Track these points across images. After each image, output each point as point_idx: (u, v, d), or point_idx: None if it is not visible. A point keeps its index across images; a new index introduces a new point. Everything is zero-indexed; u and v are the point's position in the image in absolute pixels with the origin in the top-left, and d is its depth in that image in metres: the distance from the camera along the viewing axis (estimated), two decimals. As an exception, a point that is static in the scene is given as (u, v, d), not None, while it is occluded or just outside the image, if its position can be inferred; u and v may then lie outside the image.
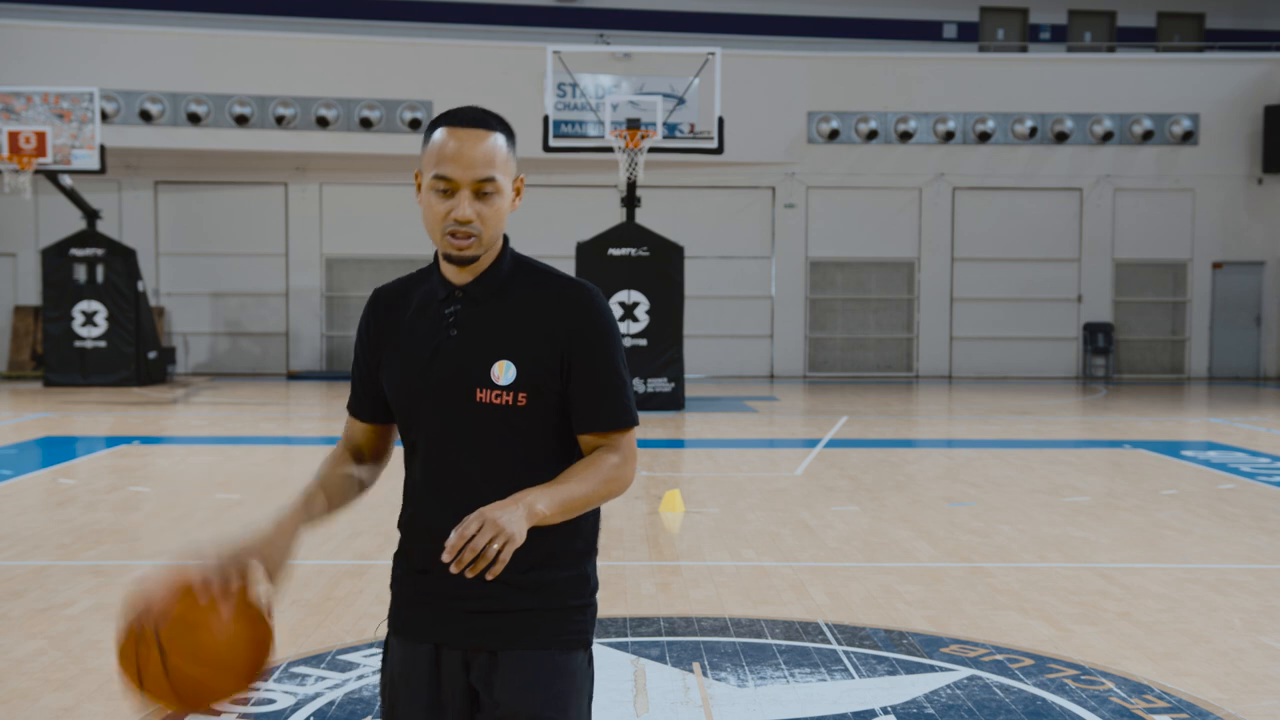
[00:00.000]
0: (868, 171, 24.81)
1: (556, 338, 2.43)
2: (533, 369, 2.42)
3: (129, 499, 9.91)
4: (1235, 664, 5.54)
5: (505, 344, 2.43)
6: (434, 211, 2.42)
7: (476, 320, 2.46)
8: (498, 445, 2.43)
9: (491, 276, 2.49)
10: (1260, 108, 24.71)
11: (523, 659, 2.43)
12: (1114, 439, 14.63)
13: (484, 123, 2.43)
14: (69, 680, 5.20)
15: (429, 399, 2.46)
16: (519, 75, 22.78)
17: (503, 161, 2.44)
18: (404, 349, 2.50)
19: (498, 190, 2.44)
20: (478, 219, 2.41)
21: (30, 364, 23.41)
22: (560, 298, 2.46)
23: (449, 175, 2.39)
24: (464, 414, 2.43)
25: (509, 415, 2.42)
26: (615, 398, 2.47)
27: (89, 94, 20.36)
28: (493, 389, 2.41)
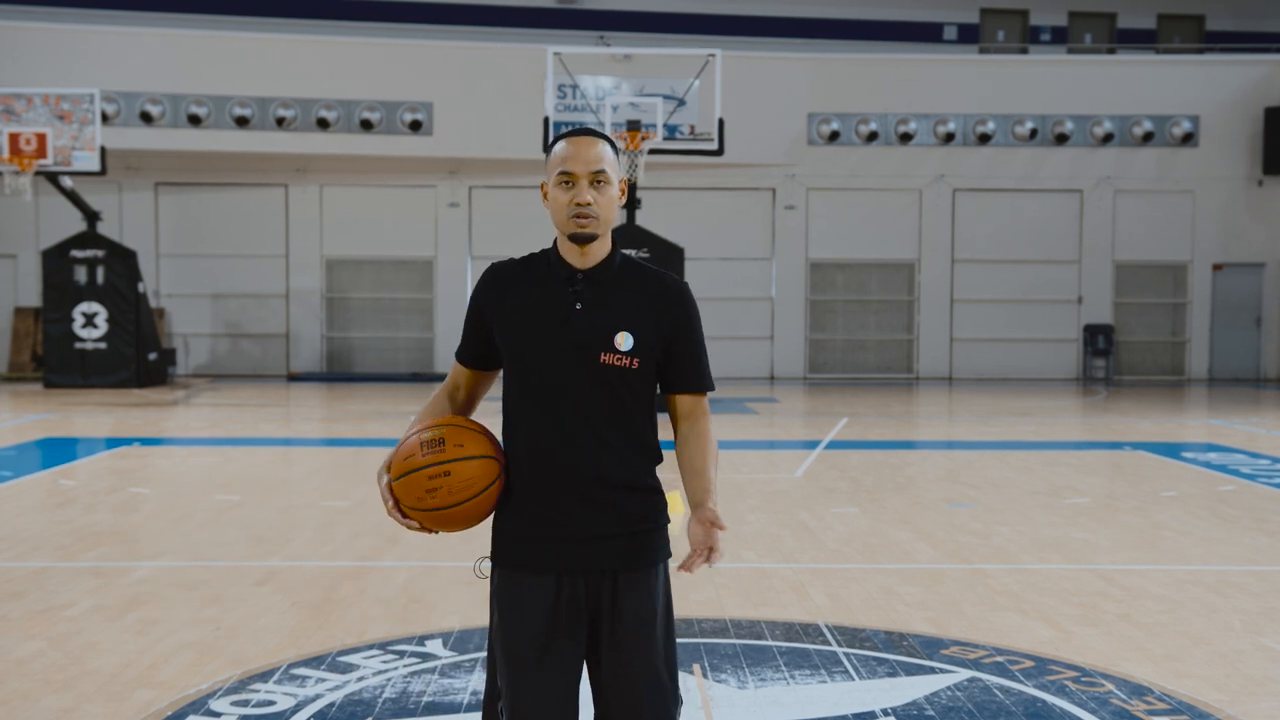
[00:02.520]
0: (868, 173, 24.81)
1: (662, 319, 3.09)
2: (644, 341, 3.06)
3: (129, 500, 9.91)
4: (1235, 665, 5.54)
5: (623, 318, 3.06)
6: (559, 201, 3.07)
7: (598, 298, 3.07)
8: (611, 397, 3.05)
9: (607, 265, 3.12)
10: (1260, 109, 24.71)
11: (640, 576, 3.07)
12: (1114, 440, 14.63)
13: (594, 134, 3.12)
14: (69, 681, 5.20)
15: (559, 358, 3.03)
16: (519, 77, 22.78)
17: (610, 161, 3.09)
18: (531, 316, 3.07)
19: (608, 181, 3.07)
20: (595, 203, 3.04)
21: (30, 365, 23.41)
22: (665, 288, 3.13)
23: (570, 170, 3.05)
24: (589, 371, 3.03)
25: (624, 374, 3.05)
26: (703, 367, 3.17)
27: (89, 95, 20.36)
28: (614, 353, 3.04)
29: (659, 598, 3.09)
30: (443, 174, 24.54)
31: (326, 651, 5.66)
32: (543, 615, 3.02)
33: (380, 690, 5.11)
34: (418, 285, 24.91)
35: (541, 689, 3.01)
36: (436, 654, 5.62)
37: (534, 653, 3.01)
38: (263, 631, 6.00)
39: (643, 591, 3.05)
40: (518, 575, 3.06)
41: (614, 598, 3.04)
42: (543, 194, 3.14)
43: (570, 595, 3.03)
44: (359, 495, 10.10)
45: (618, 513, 3.04)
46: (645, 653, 3.03)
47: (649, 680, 3.03)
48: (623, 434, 3.05)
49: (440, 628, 6.06)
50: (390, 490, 3.02)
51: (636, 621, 3.03)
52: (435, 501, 3.00)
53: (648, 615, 3.05)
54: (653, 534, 3.10)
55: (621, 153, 17.88)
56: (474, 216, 24.73)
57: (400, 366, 24.83)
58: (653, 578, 3.09)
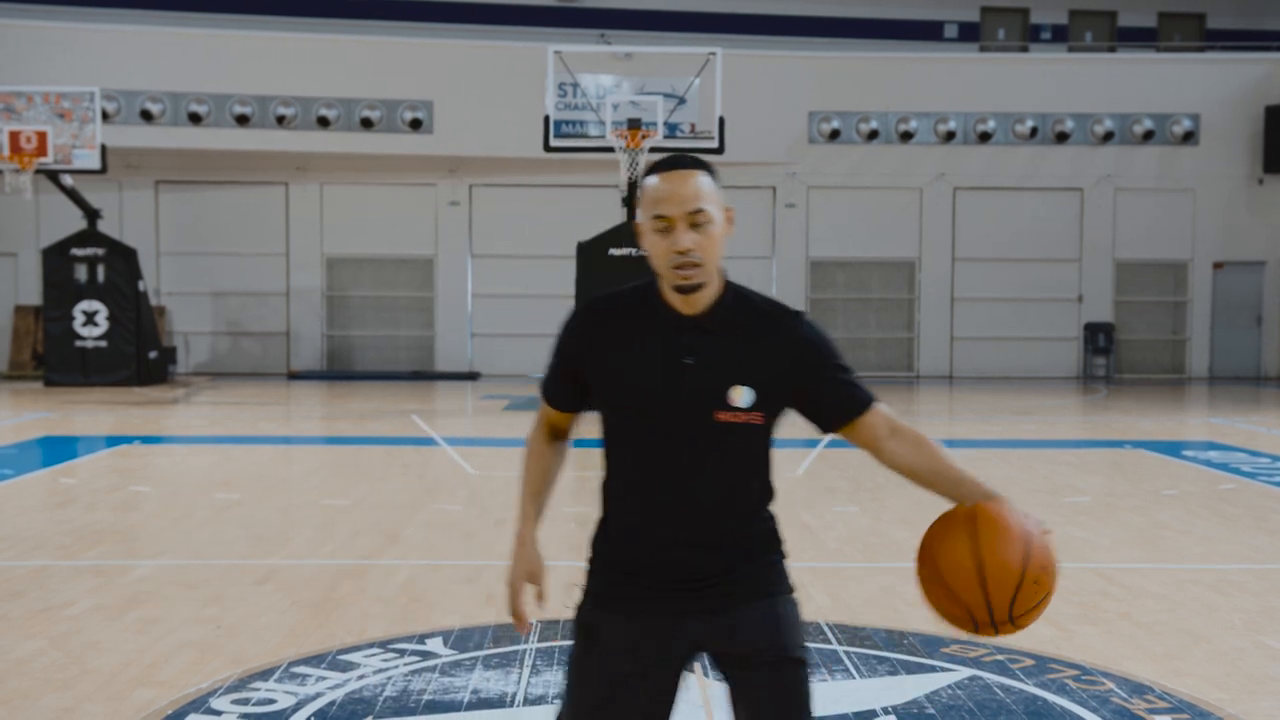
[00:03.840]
0: (868, 171, 24.80)
1: (784, 365, 2.78)
2: (767, 393, 2.75)
3: (130, 499, 9.91)
4: (1236, 664, 5.54)
5: (741, 371, 2.74)
6: (658, 248, 2.74)
7: (709, 349, 2.75)
8: (727, 454, 2.76)
9: (718, 309, 2.80)
10: (1261, 108, 24.71)
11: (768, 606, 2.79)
12: (1114, 439, 14.63)
13: (686, 165, 2.77)
14: (69, 681, 5.20)
15: (666, 417, 2.74)
16: (520, 75, 22.77)
17: (709, 195, 2.76)
18: (635, 367, 2.77)
19: (709, 220, 2.75)
20: (696, 248, 2.72)
21: (31, 364, 23.41)
22: (779, 330, 2.81)
23: (665, 213, 2.72)
24: (703, 432, 2.74)
25: (745, 431, 2.76)
26: (852, 391, 2.85)
27: (90, 94, 20.37)
28: (731, 410, 2.73)
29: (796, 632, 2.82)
30: (443, 172, 24.54)
31: (327, 650, 5.66)
32: (623, 655, 2.78)
33: (381, 689, 5.12)
34: (418, 283, 24.91)
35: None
36: (437, 652, 5.62)
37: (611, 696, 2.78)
38: (263, 630, 6.00)
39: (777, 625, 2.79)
40: (603, 613, 2.82)
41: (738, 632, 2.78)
42: (636, 233, 2.83)
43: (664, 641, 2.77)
44: (359, 494, 10.11)
45: (725, 554, 2.77)
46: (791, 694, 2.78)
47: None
48: (736, 485, 2.78)
49: (441, 626, 6.07)
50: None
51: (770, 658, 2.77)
52: None
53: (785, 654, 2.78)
54: (775, 565, 2.85)
55: (621, 151, 17.94)
56: (474, 215, 24.72)
57: (401, 365, 24.83)
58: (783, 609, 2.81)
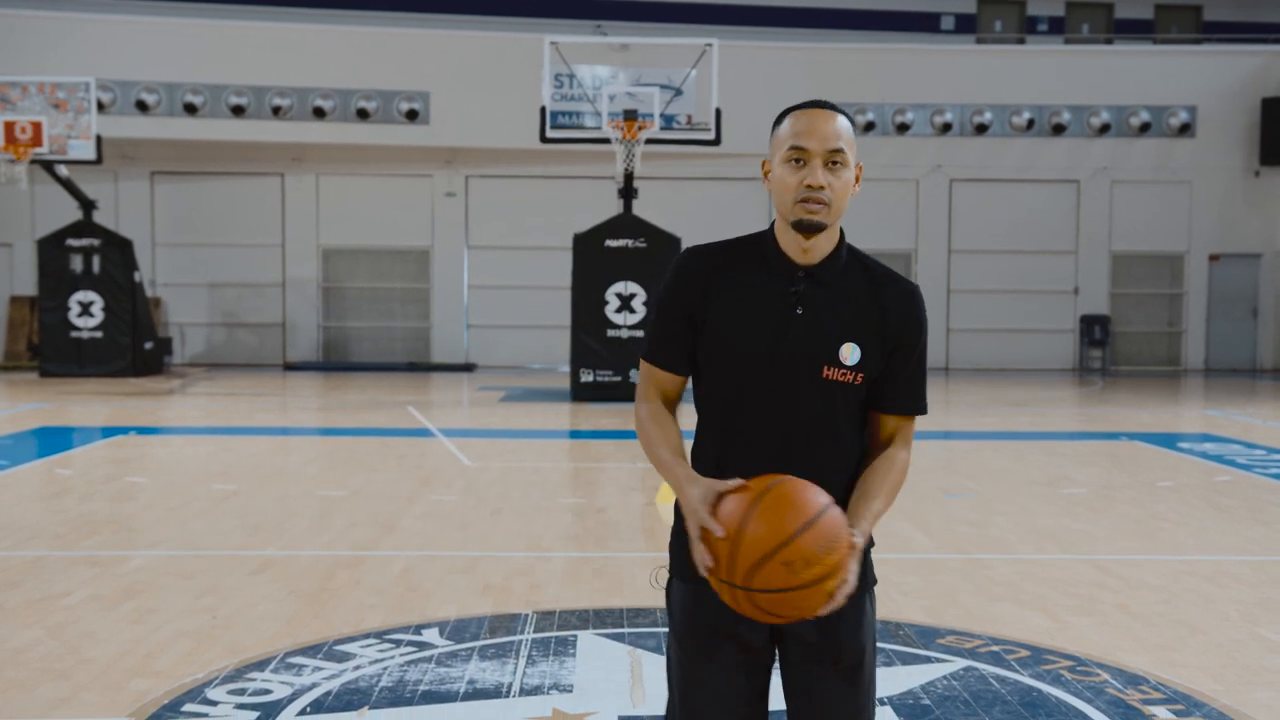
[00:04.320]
0: (865, 163, 24.11)
1: (889, 327, 2.68)
2: (870, 354, 2.67)
3: (126, 489, 9.90)
4: (1231, 655, 5.55)
5: (851, 327, 2.66)
6: (787, 183, 2.63)
7: (822, 301, 2.66)
8: (828, 414, 2.67)
9: (833, 262, 2.69)
10: (1258, 100, 24.70)
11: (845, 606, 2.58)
12: (1110, 431, 14.64)
13: (832, 106, 2.69)
14: (66, 670, 5.20)
15: (774, 370, 2.65)
16: (516, 66, 22.74)
17: (849, 139, 2.66)
18: (745, 316, 2.66)
19: (845, 164, 2.65)
20: (828, 187, 2.62)
21: (26, 354, 23.38)
22: (898, 294, 2.71)
23: (804, 145, 2.62)
24: (809, 387, 2.65)
25: (846, 391, 2.67)
26: (919, 388, 2.77)
27: (85, 84, 20.32)
28: (839, 368, 2.65)
29: (866, 631, 2.74)
30: (439, 163, 24.51)
31: (323, 640, 5.66)
32: (724, 620, 2.69)
33: (377, 679, 5.12)
34: (414, 275, 24.89)
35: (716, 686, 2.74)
36: (433, 643, 5.62)
37: (710, 649, 2.73)
38: (259, 620, 6.00)
39: (848, 623, 2.70)
40: (700, 588, 2.69)
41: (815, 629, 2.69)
42: (763, 172, 2.74)
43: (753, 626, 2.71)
44: (355, 484, 10.10)
45: None
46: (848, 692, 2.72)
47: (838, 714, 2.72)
48: (835, 451, 2.69)
49: (437, 617, 6.07)
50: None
51: (839, 656, 2.71)
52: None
53: (854, 650, 2.71)
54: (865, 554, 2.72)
55: (618, 142, 17.91)
56: (470, 206, 24.70)
57: (397, 356, 24.82)
58: (858, 608, 2.70)
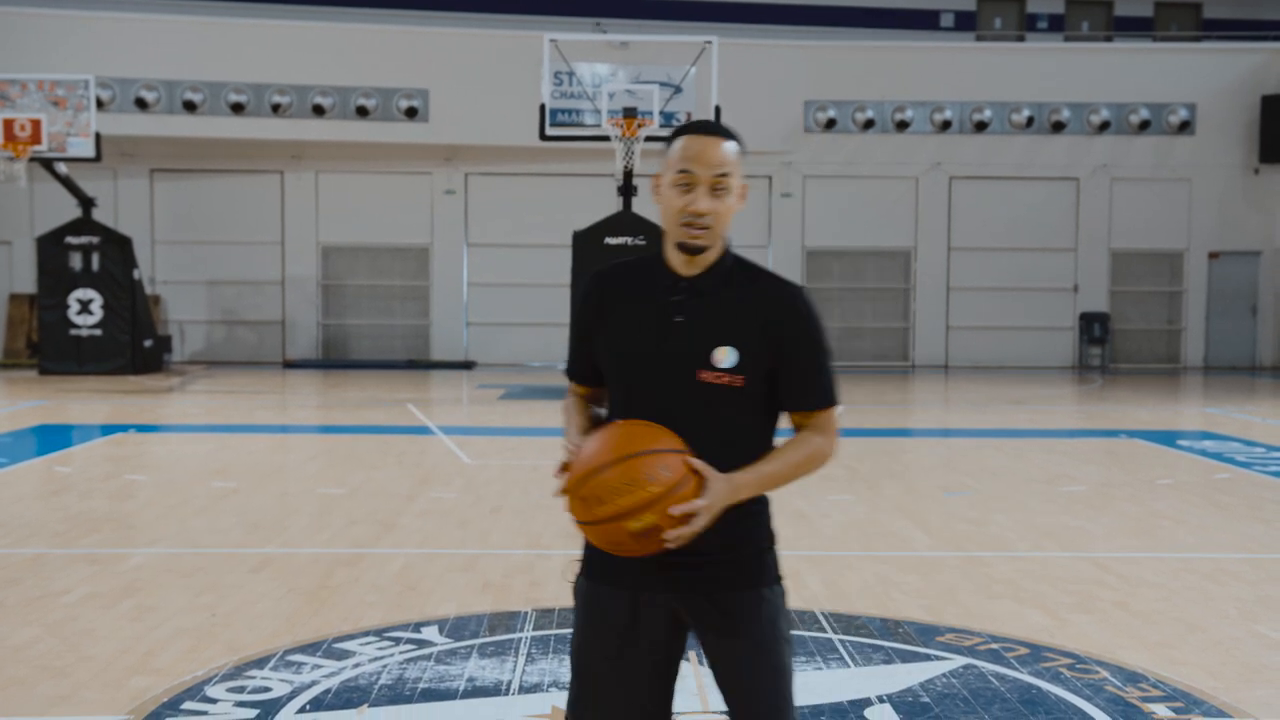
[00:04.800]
0: (864, 161, 24.78)
1: (769, 330, 2.80)
2: (751, 356, 2.78)
3: (125, 487, 9.90)
4: (1230, 653, 5.56)
5: (727, 332, 2.79)
6: (673, 205, 2.81)
7: (700, 309, 2.81)
8: (713, 417, 2.79)
9: (714, 272, 2.85)
10: (1257, 97, 24.70)
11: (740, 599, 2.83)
12: (1110, 429, 14.65)
13: (721, 132, 2.84)
14: (65, 668, 5.20)
15: (655, 376, 2.80)
16: (516, 64, 22.72)
17: (734, 164, 2.82)
18: (629, 328, 2.85)
19: (729, 189, 2.81)
20: (711, 212, 2.78)
21: (26, 352, 23.38)
22: (777, 295, 2.84)
23: (691, 170, 2.79)
24: (687, 390, 2.78)
25: (727, 394, 2.78)
26: (818, 382, 2.86)
27: (84, 81, 20.31)
28: (714, 370, 2.77)
29: (772, 622, 2.87)
30: (439, 161, 24.50)
31: (322, 638, 5.66)
32: (619, 630, 2.87)
33: (376, 677, 5.12)
34: (414, 272, 24.89)
35: (608, 704, 2.90)
36: (433, 641, 5.63)
37: (604, 668, 2.89)
38: (259, 618, 6.00)
39: (751, 615, 2.84)
40: (599, 587, 2.90)
41: (716, 622, 2.85)
42: (654, 188, 2.90)
43: (653, 615, 2.86)
44: (355, 482, 10.10)
45: (712, 535, 2.76)
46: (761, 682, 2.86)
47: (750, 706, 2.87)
48: (725, 456, 2.77)
49: (436, 615, 6.07)
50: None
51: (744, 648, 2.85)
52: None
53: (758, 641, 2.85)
54: (755, 557, 2.86)
55: (617, 140, 17.91)
56: (470, 203, 24.69)
57: (397, 354, 24.82)
58: (758, 601, 2.85)
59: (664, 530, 2.66)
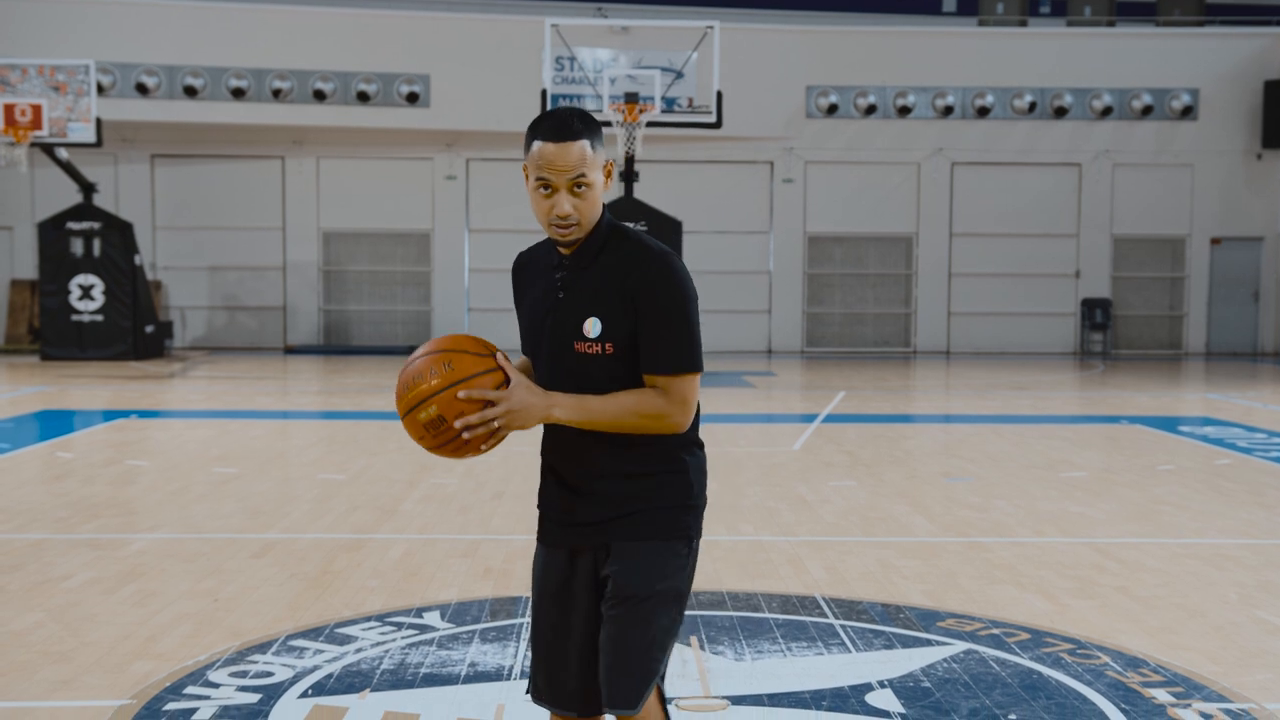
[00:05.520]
0: (866, 146, 24.74)
1: (628, 296, 2.93)
2: (614, 323, 2.94)
3: (127, 473, 9.91)
4: (1231, 638, 5.56)
5: (594, 303, 2.96)
6: (540, 207, 2.96)
7: (575, 284, 3.00)
8: (588, 384, 2.97)
9: (587, 248, 3.00)
10: (1260, 82, 24.64)
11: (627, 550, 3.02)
12: (1111, 414, 14.65)
13: (572, 133, 2.92)
14: (67, 653, 5.21)
15: (545, 348, 3.03)
16: (517, 49, 22.69)
17: (590, 161, 2.93)
18: (531, 303, 3.10)
19: (589, 185, 2.94)
20: (575, 211, 2.93)
21: (27, 337, 23.39)
22: (635, 262, 2.95)
23: (548, 179, 2.92)
24: (568, 361, 2.99)
25: (601, 361, 2.96)
26: (670, 346, 2.94)
27: (85, 66, 20.28)
28: (585, 341, 2.96)
29: (648, 574, 3.01)
30: (440, 146, 24.47)
31: (324, 623, 5.67)
32: (555, 585, 3.11)
33: (378, 661, 5.13)
34: (415, 258, 24.88)
35: (550, 653, 3.12)
36: (434, 626, 5.63)
37: (547, 619, 3.13)
38: (260, 603, 6.01)
39: (630, 566, 3.01)
40: (543, 550, 3.16)
41: (607, 569, 3.05)
42: (525, 176, 3.02)
43: (580, 568, 3.09)
44: (356, 468, 10.11)
45: (604, 498, 3.02)
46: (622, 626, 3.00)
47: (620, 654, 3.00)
48: None
49: (438, 600, 6.08)
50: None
51: (619, 594, 3.01)
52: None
53: (629, 591, 3.00)
54: (645, 514, 3.03)
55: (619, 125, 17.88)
56: (471, 189, 24.67)
57: (398, 339, 24.82)
58: (642, 553, 3.02)
59: (449, 420, 2.87)
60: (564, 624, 3.11)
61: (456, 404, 2.87)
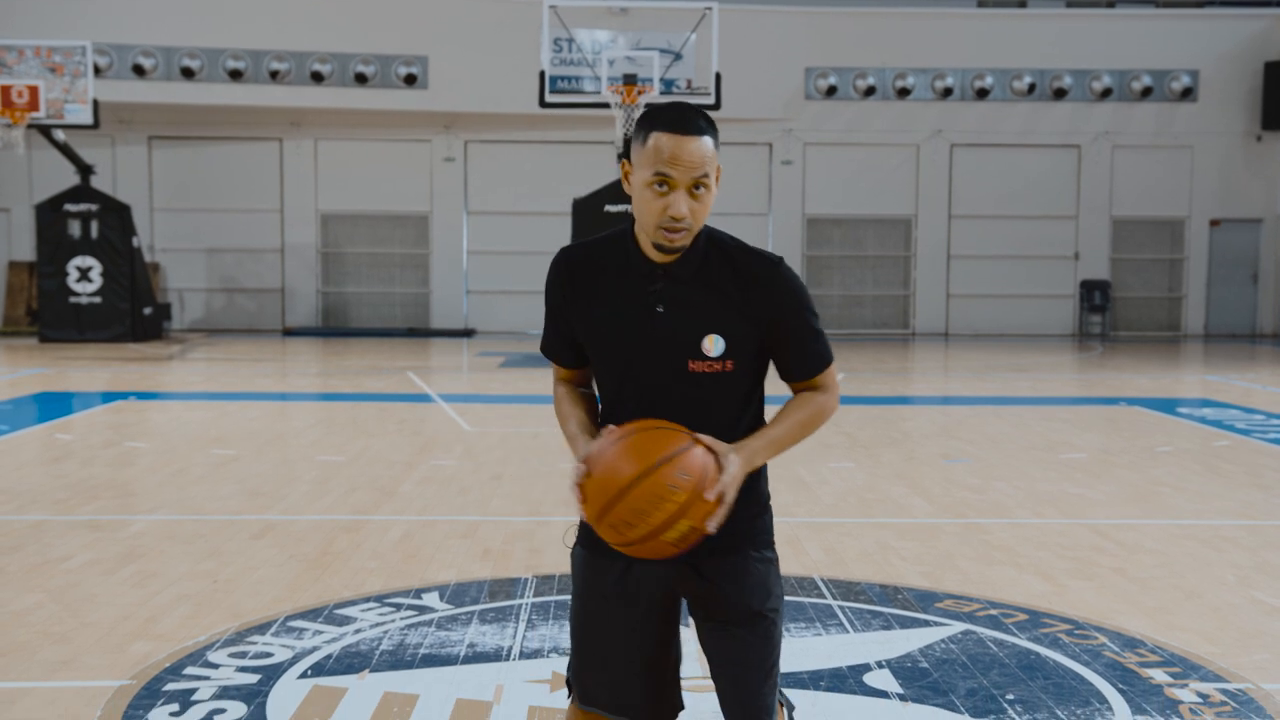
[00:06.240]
0: (865, 128, 24.70)
1: (753, 311, 2.76)
2: (737, 340, 2.76)
3: (126, 454, 9.92)
4: (1228, 619, 5.57)
5: (712, 319, 2.75)
6: (651, 206, 2.69)
7: (682, 298, 2.77)
8: (705, 403, 2.79)
9: (690, 256, 2.77)
10: (1260, 64, 24.59)
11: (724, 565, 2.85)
12: (1110, 396, 14.65)
13: (698, 128, 2.70)
14: (67, 634, 5.23)
15: (644, 367, 2.79)
16: (515, 30, 22.62)
17: (712, 158, 2.72)
18: (610, 316, 2.80)
19: (708, 188, 2.72)
20: (690, 215, 2.70)
21: (25, 319, 23.37)
22: (752, 274, 2.77)
23: (669, 175, 2.67)
24: (677, 380, 2.77)
25: (721, 380, 2.78)
26: (812, 350, 2.84)
27: (81, 48, 20.22)
28: (704, 360, 2.76)
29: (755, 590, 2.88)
30: (438, 128, 24.42)
31: (323, 604, 5.68)
32: (613, 594, 2.92)
33: (377, 642, 5.14)
34: (413, 240, 24.85)
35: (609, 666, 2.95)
36: (433, 607, 5.65)
37: (602, 631, 2.94)
38: (260, 584, 6.02)
39: (735, 582, 2.86)
40: (593, 556, 2.93)
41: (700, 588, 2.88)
42: (623, 173, 2.81)
43: (646, 576, 2.88)
44: (355, 449, 10.12)
45: None
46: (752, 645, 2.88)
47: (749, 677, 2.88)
48: (722, 434, 2.79)
49: (437, 581, 6.09)
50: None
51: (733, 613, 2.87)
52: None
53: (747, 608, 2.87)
54: (745, 521, 2.85)
55: (617, 107, 17.84)
56: (469, 171, 24.63)
57: (396, 321, 24.81)
58: (739, 567, 2.86)
59: (700, 528, 2.66)
60: (624, 629, 2.92)
61: (703, 507, 2.65)
